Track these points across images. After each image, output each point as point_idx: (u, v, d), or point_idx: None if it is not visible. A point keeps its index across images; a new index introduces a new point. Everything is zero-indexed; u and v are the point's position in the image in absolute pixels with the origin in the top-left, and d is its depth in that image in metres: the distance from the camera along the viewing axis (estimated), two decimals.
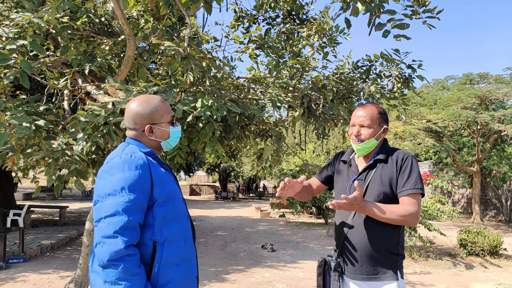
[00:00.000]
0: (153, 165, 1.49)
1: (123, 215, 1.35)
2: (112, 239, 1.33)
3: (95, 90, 3.35)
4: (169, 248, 1.45)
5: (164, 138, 1.62)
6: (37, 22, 2.71)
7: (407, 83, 4.35)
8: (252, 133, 4.19)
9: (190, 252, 1.55)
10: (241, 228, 11.55)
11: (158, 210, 1.45)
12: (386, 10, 2.61)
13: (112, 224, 1.34)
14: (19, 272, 5.79)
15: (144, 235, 1.43)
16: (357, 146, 1.88)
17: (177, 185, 1.60)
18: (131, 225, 1.36)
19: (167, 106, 1.63)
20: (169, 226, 1.47)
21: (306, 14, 4.87)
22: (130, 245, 1.35)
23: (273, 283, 5.50)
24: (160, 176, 1.49)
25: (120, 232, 1.33)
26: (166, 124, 1.60)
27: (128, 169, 1.41)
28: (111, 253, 1.31)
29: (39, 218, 12.10)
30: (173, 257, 1.46)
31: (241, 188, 34.42)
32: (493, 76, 13.98)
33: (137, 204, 1.39)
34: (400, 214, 1.71)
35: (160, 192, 1.46)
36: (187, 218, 1.59)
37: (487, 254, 7.32)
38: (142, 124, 1.57)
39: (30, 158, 3.08)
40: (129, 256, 1.33)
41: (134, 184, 1.39)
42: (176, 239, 1.49)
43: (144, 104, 1.58)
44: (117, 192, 1.38)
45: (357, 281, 1.80)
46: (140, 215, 1.40)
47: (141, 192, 1.40)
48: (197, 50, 3.70)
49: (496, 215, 14.86)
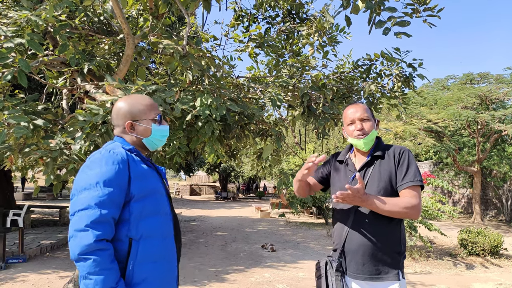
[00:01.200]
0: (133, 162, 1.49)
1: (95, 209, 1.34)
2: (83, 232, 1.32)
3: (93, 89, 3.34)
4: (144, 245, 1.42)
5: (146, 136, 1.60)
6: (35, 20, 2.70)
7: (408, 82, 4.33)
8: (251, 133, 4.17)
9: (168, 251, 1.51)
10: (241, 228, 11.53)
11: (135, 205, 1.44)
12: (386, 8, 2.59)
13: (84, 217, 1.33)
14: (19, 272, 5.78)
15: (119, 231, 1.41)
16: (363, 140, 1.86)
17: (160, 183, 1.57)
18: (103, 219, 1.34)
19: (153, 104, 1.63)
20: (146, 223, 1.45)
21: (306, 13, 4.86)
22: (102, 240, 1.33)
23: (273, 283, 5.48)
24: (140, 172, 1.48)
25: (91, 226, 1.32)
26: (148, 121, 1.59)
27: (105, 164, 1.41)
28: (82, 247, 1.30)
29: (39, 218, 12.08)
30: (149, 255, 1.43)
31: (241, 188, 34.42)
32: (494, 76, 13.96)
33: (112, 199, 1.38)
34: (403, 206, 1.71)
35: (138, 188, 1.45)
36: (168, 215, 1.55)
37: (487, 254, 7.30)
38: (123, 120, 1.58)
39: (28, 158, 3.06)
40: (100, 251, 1.31)
41: (110, 178, 1.39)
42: (153, 236, 1.45)
43: (127, 101, 1.60)
44: (92, 186, 1.38)
45: (359, 281, 1.78)
46: (115, 210, 1.39)
47: (117, 187, 1.40)
48: (196, 49, 3.69)
49: (497, 215, 14.84)
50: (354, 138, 1.89)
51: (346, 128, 1.96)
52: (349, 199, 1.67)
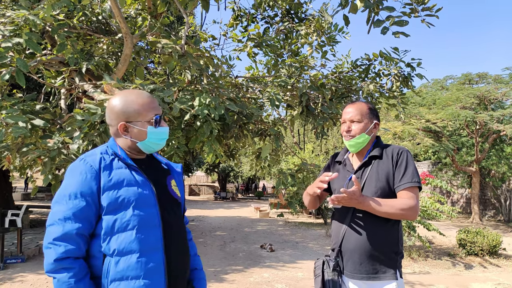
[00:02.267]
0: (109, 170, 1.35)
1: (59, 225, 1.26)
2: (47, 250, 1.25)
3: (92, 89, 3.33)
4: (117, 262, 1.29)
5: (141, 139, 1.42)
6: (32, 20, 2.69)
7: (406, 81, 4.33)
8: (250, 132, 4.17)
9: (149, 269, 1.32)
10: (240, 228, 11.52)
11: (106, 219, 1.31)
12: (385, 7, 2.59)
13: (49, 234, 1.27)
14: (17, 273, 5.76)
15: (93, 247, 1.32)
16: (348, 142, 1.86)
17: (148, 190, 1.38)
18: (66, 235, 1.25)
19: (150, 103, 1.45)
20: (118, 237, 1.30)
21: (305, 12, 4.86)
22: (65, 258, 1.24)
23: (272, 283, 5.48)
24: (114, 182, 1.33)
25: (53, 243, 1.25)
26: (144, 123, 1.41)
27: (73, 175, 1.32)
28: (47, 265, 1.24)
29: (38, 218, 12.06)
30: (124, 273, 1.29)
31: (240, 188, 34.40)
32: (492, 76, 13.98)
33: (77, 213, 1.27)
34: (399, 207, 1.70)
35: (109, 199, 1.31)
36: (156, 227, 1.36)
37: (486, 254, 7.31)
38: (116, 121, 1.41)
39: (26, 157, 3.06)
40: (63, 270, 1.23)
41: (76, 191, 1.29)
42: (129, 252, 1.30)
43: (121, 99, 1.42)
44: (58, 200, 1.31)
45: (356, 280, 1.78)
46: (83, 225, 1.28)
47: (83, 200, 1.29)
48: (195, 48, 3.68)
49: (495, 215, 14.86)
50: (344, 138, 1.91)
51: (341, 125, 1.97)
52: (345, 202, 1.67)
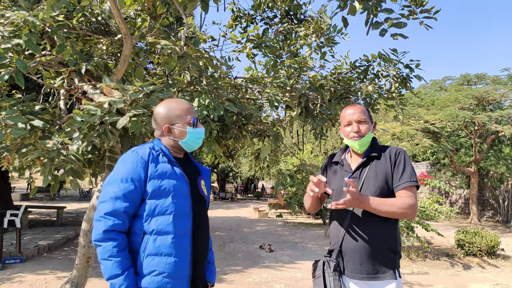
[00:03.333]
0: (155, 162, 1.60)
1: (110, 202, 1.51)
2: (98, 222, 1.50)
3: (91, 90, 3.33)
4: (155, 239, 1.53)
5: (182, 138, 1.70)
6: (32, 21, 2.69)
7: (405, 83, 4.34)
8: (249, 133, 4.18)
9: (179, 249, 1.57)
10: (239, 229, 11.53)
11: (149, 203, 1.56)
12: (383, 9, 2.60)
13: (100, 209, 1.52)
14: (16, 273, 5.76)
15: (135, 225, 1.56)
16: (359, 142, 1.88)
17: (185, 184, 1.64)
18: (115, 212, 1.50)
19: (188, 109, 1.72)
20: (158, 219, 1.55)
21: (304, 13, 4.86)
22: (112, 230, 1.48)
23: (271, 283, 5.49)
24: (159, 173, 1.58)
25: (104, 217, 1.49)
26: (184, 125, 1.69)
27: (126, 163, 1.57)
28: (96, 235, 1.48)
29: (37, 218, 12.04)
30: (158, 249, 1.52)
31: (239, 188, 34.40)
32: (491, 77, 14.02)
33: (126, 194, 1.52)
34: (400, 206, 1.72)
35: (153, 187, 1.56)
36: (187, 216, 1.61)
37: (484, 255, 7.33)
38: (161, 124, 1.70)
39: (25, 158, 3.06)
40: (110, 240, 1.47)
41: (128, 176, 1.54)
42: (166, 233, 1.54)
43: (165, 106, 1.71)
44: (111, 182, 1.56)
45: (356, 280, 1.79)
46: (129, 204, 1.53)
47: (132, 184, 1.54)
48: (194, 49, 3.69)
49: (494, 215, 14.89)
50: (350, 139, 1.90)
51: (343, 128, 1.97)
52: (349, 203, 1.69)
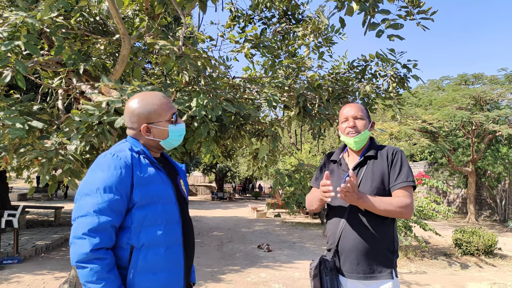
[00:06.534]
0: (139, 166, 1.43)
1: (94, 216, 1.31)
2: (80, 240, 1.29)
3: (89, 90, 3.34)
4: (146, 254, 1.37)
5: (163, 138, 1.53)
6: (31, 23, 2.69)
7: (402, 82, 4.36)
8: (247, 133, 4.19)
9: (174, 261, 1.43)
10: (237, 229, 11.53)
11: (137, 213, 1.39)
12: (380, 10, 2.61)
13: (82, 225, 1.31)
14: (13, 273, 5.74)
15: (121, 238, 1.38)
16: (354, 138, 1.87)
17: (170, 188, 1.49)
18: (101, 227, 1.31)
19: (167, 103, 1.54)
20: (148, 231, 1.39)
21: (302, 14, 4.88)
22: (99, 248, 1.30)
23: (269, 283, 5.50)
24: (145, 178, 1.42)
25: (88, 234, 1.29)
26: (165, 123, 1.52)
27: (108, 169, 1.37)
28: (79, 255, 1.28)
29: (34, 218, 12.01)
30: (150, 265, 1.37)
31: (237, 188, 34.40)
32: (488, 77, 14.06)
33: (112, 206, 1.34)
34: (397, 205, 1.74)
35: (141, 195, 1.39)
36: (176, 223, 1.47)
37: (482, 254, 7.36)
38: (138, 123, 1.50)
39: (23, 158, 3.06)
40: (98, 260, 1.29)
41: (111, 185, 1.35)
42: (156, 245, 1.39)
43: (141, 103, 1.50)
44: (92, 192, 1.35)
45: (353, 280, 1.80)
46: (115, 217, 1.35)
47: (117, 194, 1.35)
48: (192, 49, 3.70)
49: (491, 214, 14.95)
50: (346, 135, 1.91)
51: (340, 126, 1.97)
52: (348, 195, 1.67)
